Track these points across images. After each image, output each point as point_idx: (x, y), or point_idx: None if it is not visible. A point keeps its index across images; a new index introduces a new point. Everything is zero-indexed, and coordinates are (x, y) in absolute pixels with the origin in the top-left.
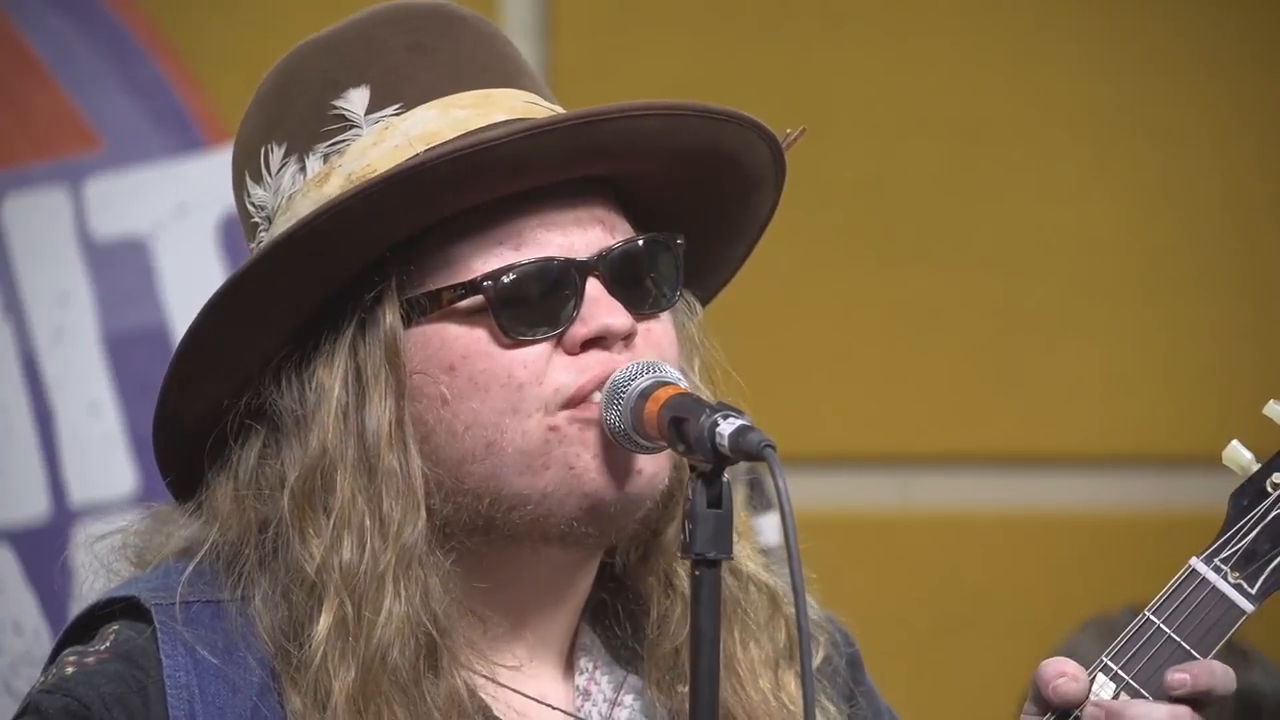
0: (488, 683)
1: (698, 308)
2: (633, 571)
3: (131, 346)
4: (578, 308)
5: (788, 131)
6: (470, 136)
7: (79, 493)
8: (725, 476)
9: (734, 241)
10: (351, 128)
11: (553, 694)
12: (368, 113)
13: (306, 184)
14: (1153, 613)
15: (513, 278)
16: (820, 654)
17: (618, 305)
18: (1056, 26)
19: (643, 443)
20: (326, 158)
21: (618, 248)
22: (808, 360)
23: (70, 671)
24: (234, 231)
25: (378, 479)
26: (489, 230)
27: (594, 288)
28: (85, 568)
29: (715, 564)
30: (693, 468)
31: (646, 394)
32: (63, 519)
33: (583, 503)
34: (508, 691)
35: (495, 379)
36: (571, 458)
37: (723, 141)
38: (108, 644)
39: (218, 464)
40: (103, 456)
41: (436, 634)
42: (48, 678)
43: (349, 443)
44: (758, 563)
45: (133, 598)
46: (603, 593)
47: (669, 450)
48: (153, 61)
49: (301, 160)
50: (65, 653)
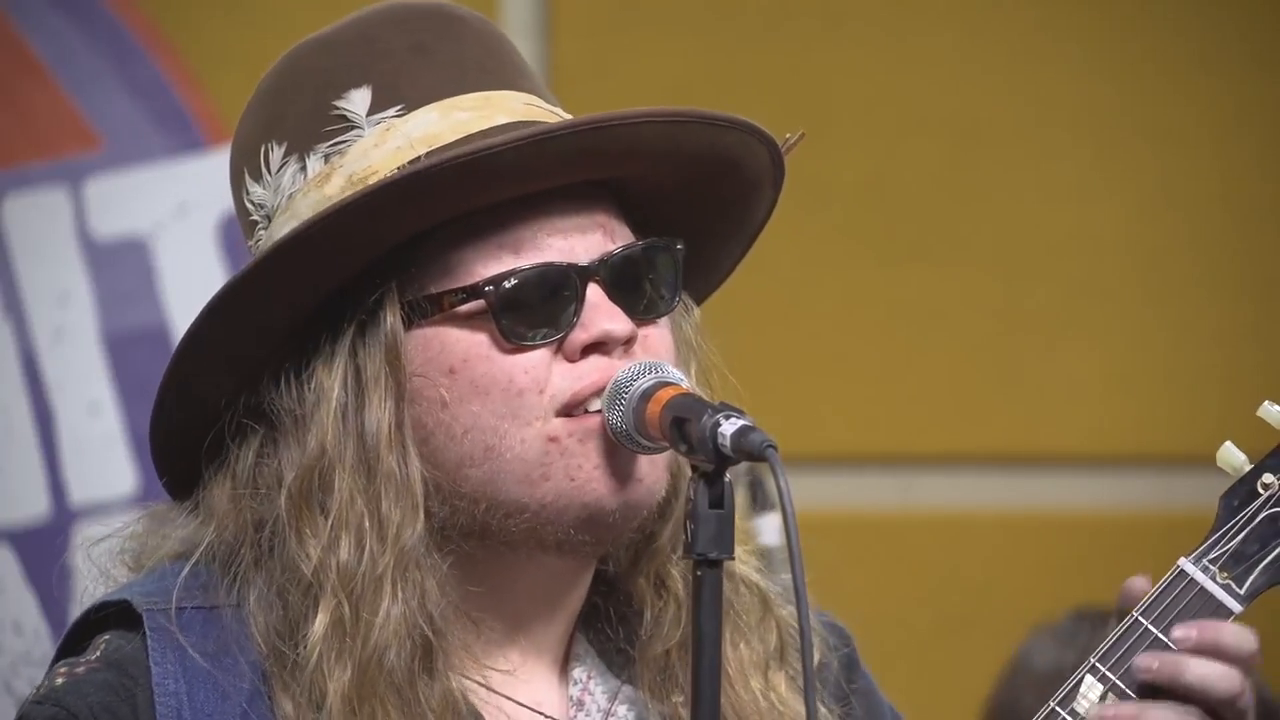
0: (480, 687)
1: (694, 310)
2: (625, 575)
3: (131, 346)
4: (578, 313)
5: (787, 136)
6: (472, 141)
7: (79, 493)
8: (727, 477)
9: (731, 243)
10: (353, 128)
11: (547, 702)
12: (369, 113)
13: (307, 184)
14: (1141, 613)
15: (514, 283)
16: (816, 659)
17: (618, 310)
18: (1056, 26)
19: (645, 443)
20: (328, 158)
21: (618, 253)
22: (808, 360)
23: (60, 682)
24: (234, 231)
25: (377, 480)
26: (490, 234)
27: (594, 293)
28: (84, 573)
29: (717, 564)
30: (694, 468)
31: (648, 394)
32: (63, 519)
33: (582, 513)
34: (500, 698)
35: (496, 383)
36: (573, 470)
37: (723, 147)
38: (98, 654)
39: (215, 463)
40: (103, 456)
41: (433, 636)
42: (39, 689)
43: (348, 443)
44: (750, 564)
45: (125, 602)
46: (595, 597)
47: (667, 459)
48: (153, 61)
49: (302, 160)
50: (57, 664)
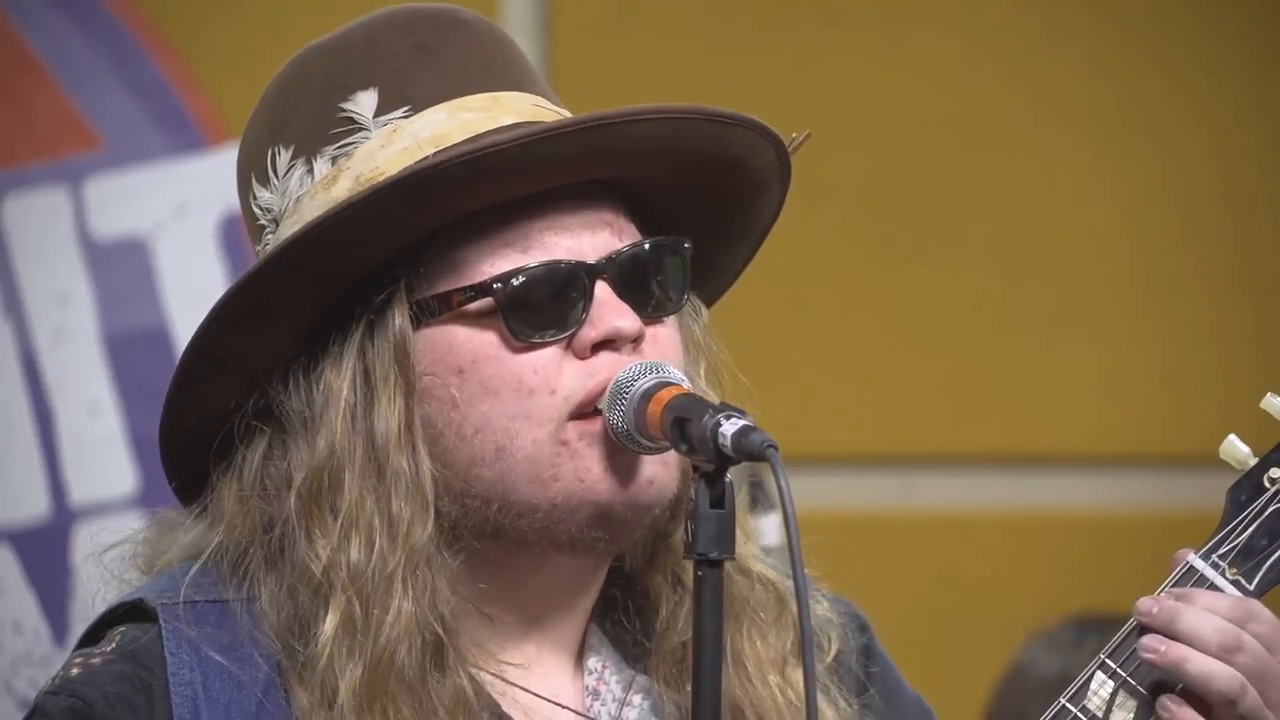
0: (496, 680)
1: (703, 310)
2: (641, 571)
3: (131, 346)
4: (586, 311)
5: (793, 135)
6: (480, 140)
7: (79, 493)
8: (728, 477)
9: (738, 244)
10: (359, 130)
11: (562, 692)
12: (376, 115)
13: (314, 186)
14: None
15: (522, 280)
16: (833, 649)
17: (626, 308)
18: (1056, 26)
19: (645, 443)
20: (334, 160)
21: (626, 251)
22: (808, 360)
23: (75, 673)
24: (234, 231)
25: (386, 480)
26: (497, 233)
27: (602, 291)
28: (96, 578)
29: (718, 564)
30: (695, 468)
31: (649, 395)
32: (63, 519)
33: (594, 511)
34: (516, 689)
35: (506, 383)
36: (582, 471)
37: (729, 145)
38: (113, 645)
39: (223, 466)
40: (103, 456)
41: (443, 633)
42: (54, 680)
43: (357, 444)
44: (764, 562)
45: (138, 600)
46: (614, 590)
47: (678, 458)
48: (153, 61)
49: (309, 163)
50: (72, 655)
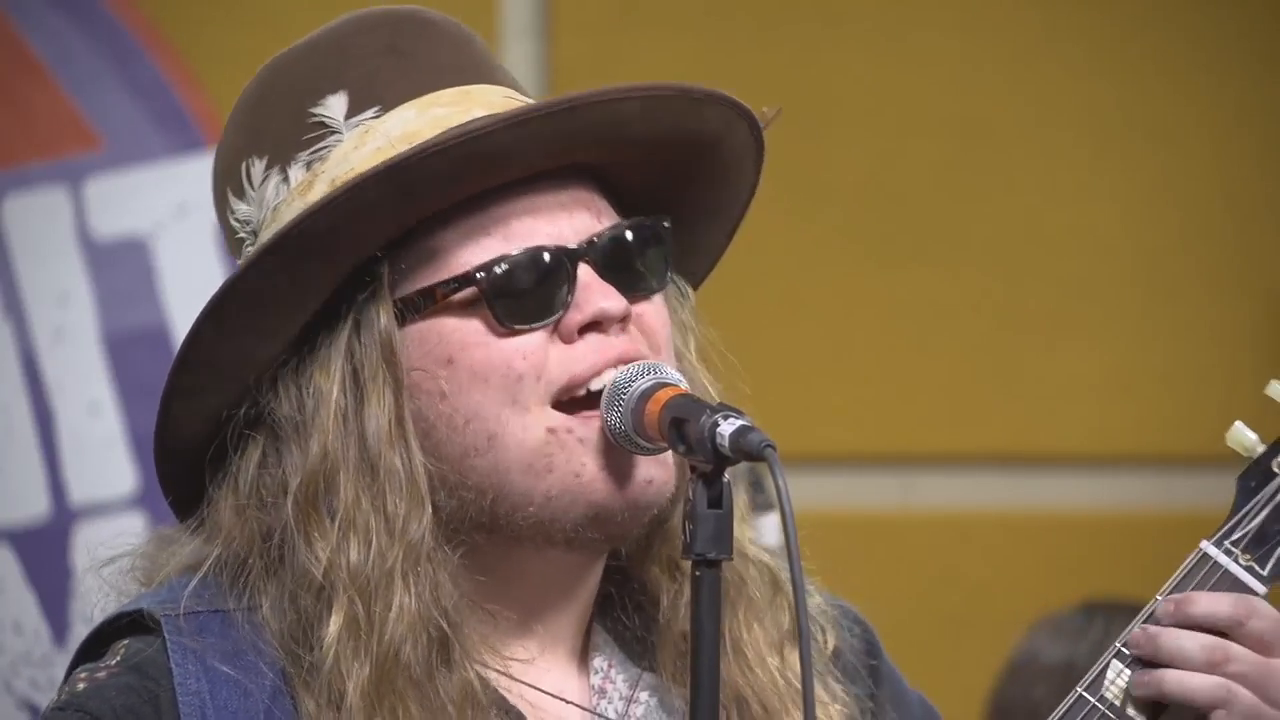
0: (501, 676)
1: (689, 292)
2: (637, 562)
3: (131, 346)
4: (571, 294)
5: (764, 110)
6: (452, 130)
7: (79, 493)
8: (726, 477)
9: (717, 223)
10: (332, 134)
11: (569, 690)
12: (347, 117)
13: (290, 193)
14: (1164, 597)
15: (505, 268)
16: (830, 645)
17: (610, 289)
18: (1056, 26)
19: (643, 444)
20: (309, 165)
21: (606, 232)
22: (808, 360)
23: (82, 688)
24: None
25: (380, 478)
26: (476, 222)
27: (586, 274)
28: (95, 590)
29: (716, 564)
30: (693, 468)
31: (647, 395)
32: (63, 519)
33: (588, 510)
34: (523, 685)
35: (495, 369)
36: (577, 466)
37: (702, 122)
38: (118, 658)
39: (218, 478)
40: (103, 456)
41: (448, 628)
42: (60, 695)
43: (350, 444)
44: (757, 545)
45: (140, 611)
46: (609, 586)
47: (676, 457)
48: (153, 61)
49: (284, 171)
50: (77, 670)
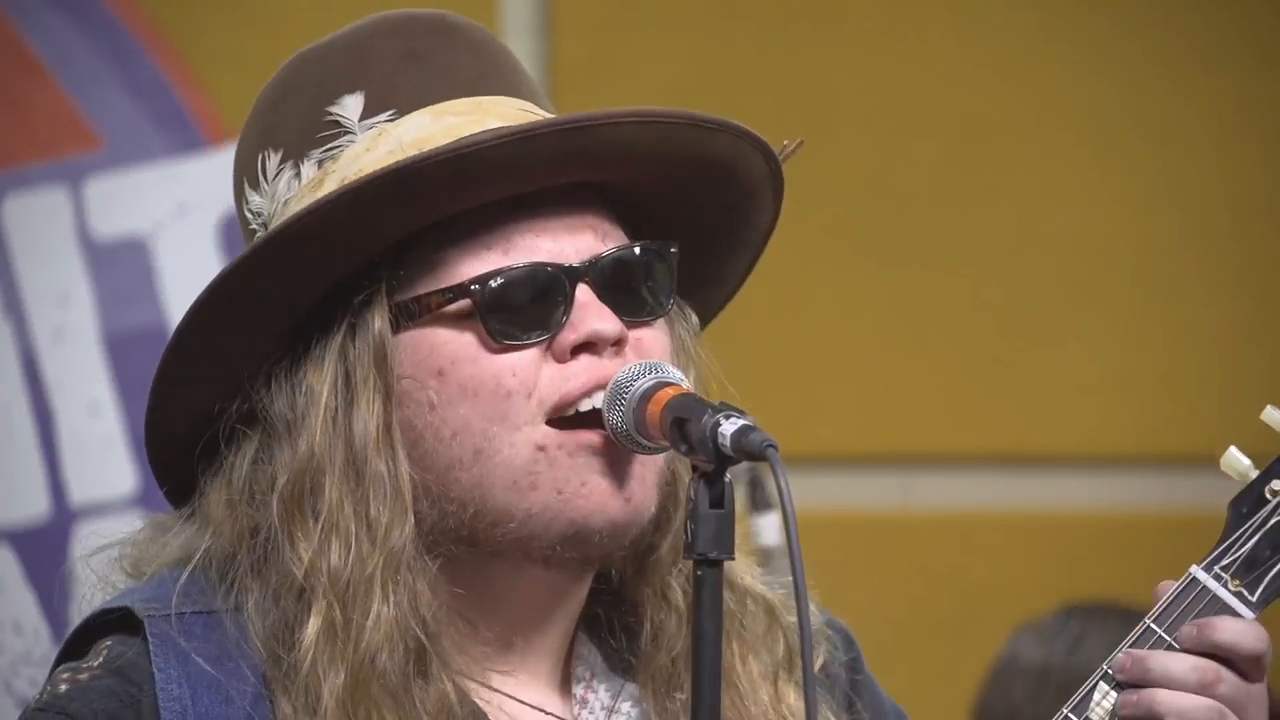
0: (481, 688)
1: (693, 319)
2: (630, 585)
3: (131, 346)
4: (567, 314)
5: (785, 143)
6: (459, 141)
7: (79, 493)
8: (727, 477)
9: (735, 253)
10: (346, 134)
11: (549, 701)
12: (362, 119)
13: (301, 189)
14: (1153, 620)
15: (501, 282)
16: (819, 661)
17: (607, 311)
18: (1056, 26)
19: (645, 444)
20: (321, 163)
21: (608, 255)
22: (808, 360)
23: (64, 689)
24: (234, 231)
25: (365, 483)
26: (479, 235)
27: (584, 294)
28: (83, 581)
29: (717, 564)
30: (695, 468)
31: (648, 395)
32: (63, 519)
33: (568, 529)
34: (503, 697)
35: (484, 385)
36: (560, 483)
37: (715, 151)
38: (100, 660)
39: (211, 470)
40: (103, 456)
41: (425, 639)
42: (41, 696)
43: (337, 447)
44: (754, 574)
45: (125, 609)
46: (598, 607)
47: (658, 477)
48: (153, 61)
49: (297, 166)
50: (59, 670)
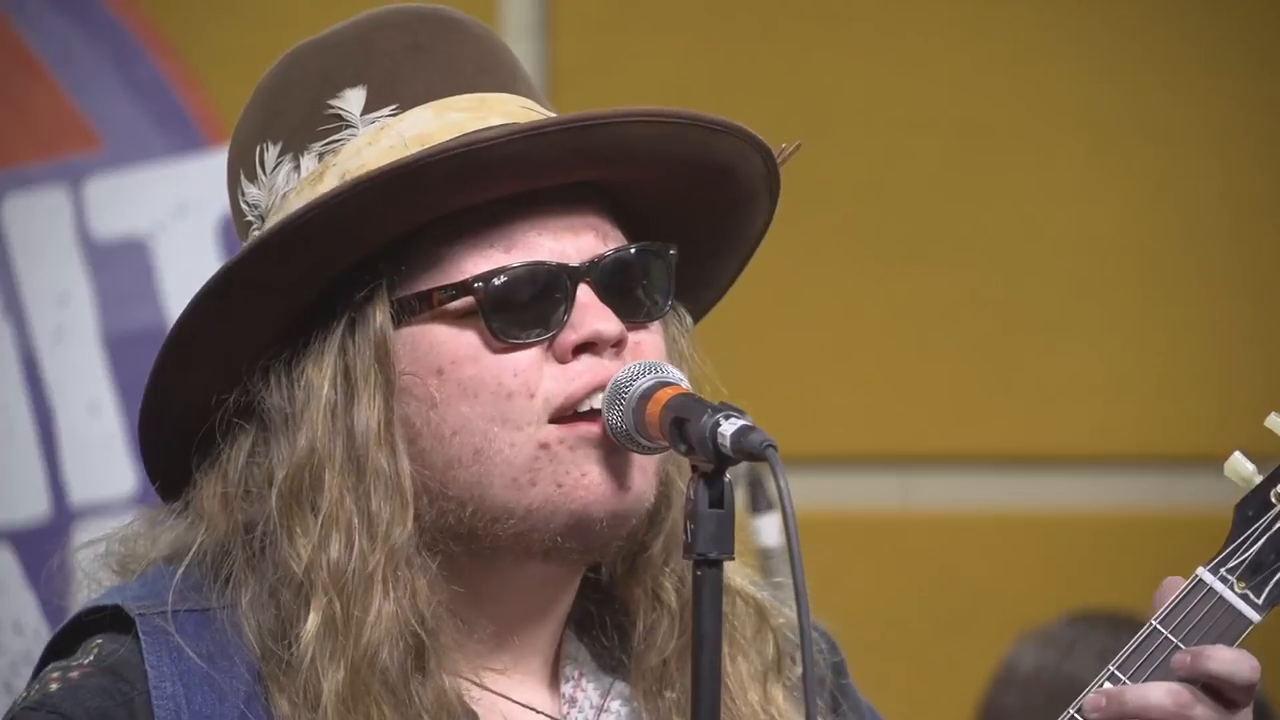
0: (474, 687)
1: (688, 321)
2: (621, 584)
3: (131, 346)
4: (568, 313)
5: (783, 146)
6: (463, 138)
7: (79, 493)
8: (727, 476)
9: (728, 256)
10: (347, 127)
11: (539, 701)
12: (364, 113)
13: (301, 182)
14: (1159, 622)
15: (503, 280)
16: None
17: (608, 312)
18: (1056, 26)
19: (644, 443)
20: (321, 156)
21: (610, 255)
22: (808, 360)
23: (54, 688)
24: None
25: (366, 478)
26: (481, 233)
27: (585, 294)
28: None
29: (717, 564)
30: (694, 468)
31: (648, 395)
32: (63, 519)
33: (569, 520)
34: (494, 696)
35: (485, 385)
36: (560, 476)
37: (717, 152)
38: (91, 658)
39: (206, 463)
40: (103, 456)
41: (425, 635)
42: (30, 693)
43: (337, 442)
44: (744, 576)
45: (116, 607)
46: (588, 604)
47: (657, 467)
48: (153, 61)
49: (296, 159)
50: (48, 668)
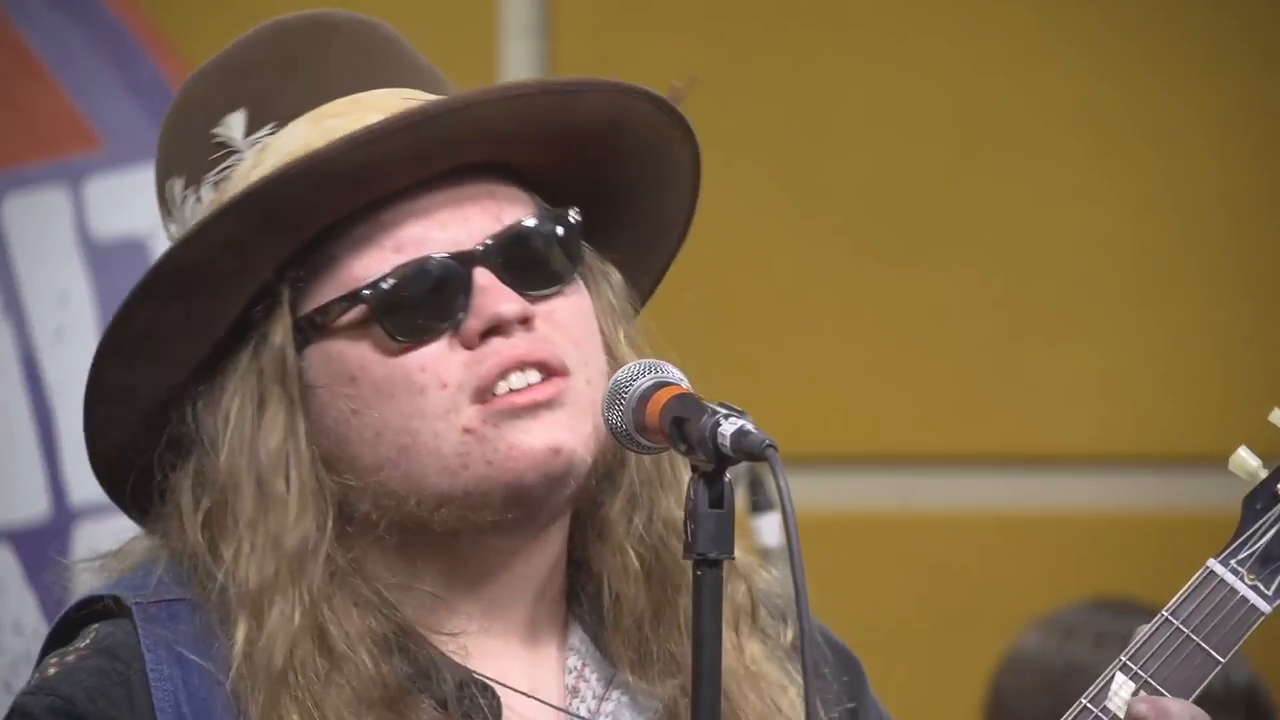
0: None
1: (613, 272)
2: (595, 557)
3: None
4: (468, 301)
5: (674, 83)
6: (310, 155)
7: (79, 493)
8: (727, 476)
9: (664, 195)
10: (234, 153)
11: (543, 688)
12: (246, 136)
13: (202, 215)
14: (1170, 613)
15: (392, 283)
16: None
17: (508, 291)
18: (1056, 26)
19: (645, 443)
20: (216, 185)
21: (504, 233)
22: (808, 360)
23: (53, 672)
24: None
25: (271, 495)
26: (367, 232)
27: (483, 277)
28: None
29: (717, 564)
30: (694, 467)
31: (648, 395)
32: (63, 519)
33: (506, 492)
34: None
35: (397, 385)
36: (489, 453)
37: (586, 112)
38: (88, 641)
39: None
40: None
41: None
42: (31, 681)
43: (247, 463)
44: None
45: (112, 597)
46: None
47: (594, 429)
48: (153, 61)
49: (197, 191)
50: (48, 657)
